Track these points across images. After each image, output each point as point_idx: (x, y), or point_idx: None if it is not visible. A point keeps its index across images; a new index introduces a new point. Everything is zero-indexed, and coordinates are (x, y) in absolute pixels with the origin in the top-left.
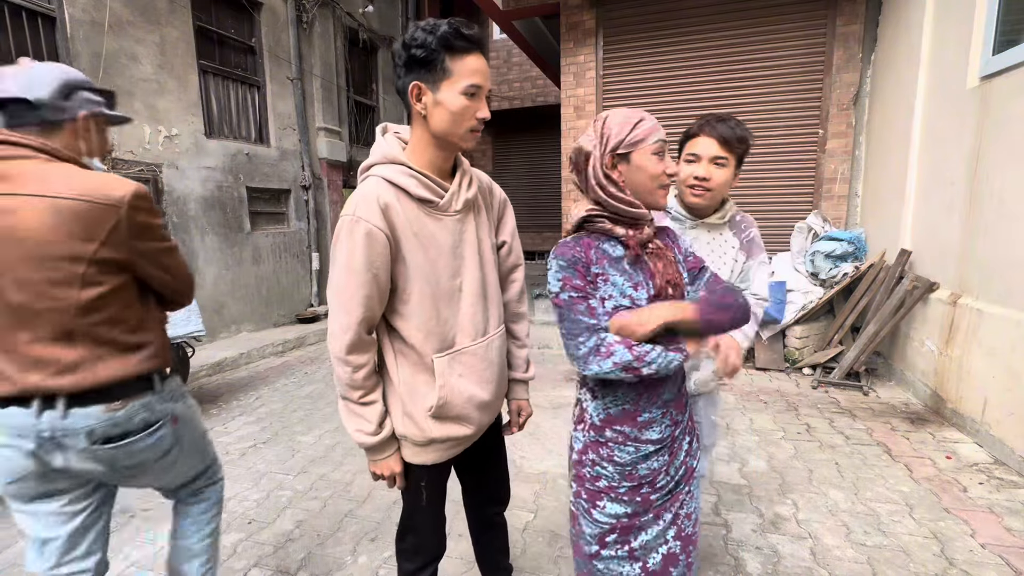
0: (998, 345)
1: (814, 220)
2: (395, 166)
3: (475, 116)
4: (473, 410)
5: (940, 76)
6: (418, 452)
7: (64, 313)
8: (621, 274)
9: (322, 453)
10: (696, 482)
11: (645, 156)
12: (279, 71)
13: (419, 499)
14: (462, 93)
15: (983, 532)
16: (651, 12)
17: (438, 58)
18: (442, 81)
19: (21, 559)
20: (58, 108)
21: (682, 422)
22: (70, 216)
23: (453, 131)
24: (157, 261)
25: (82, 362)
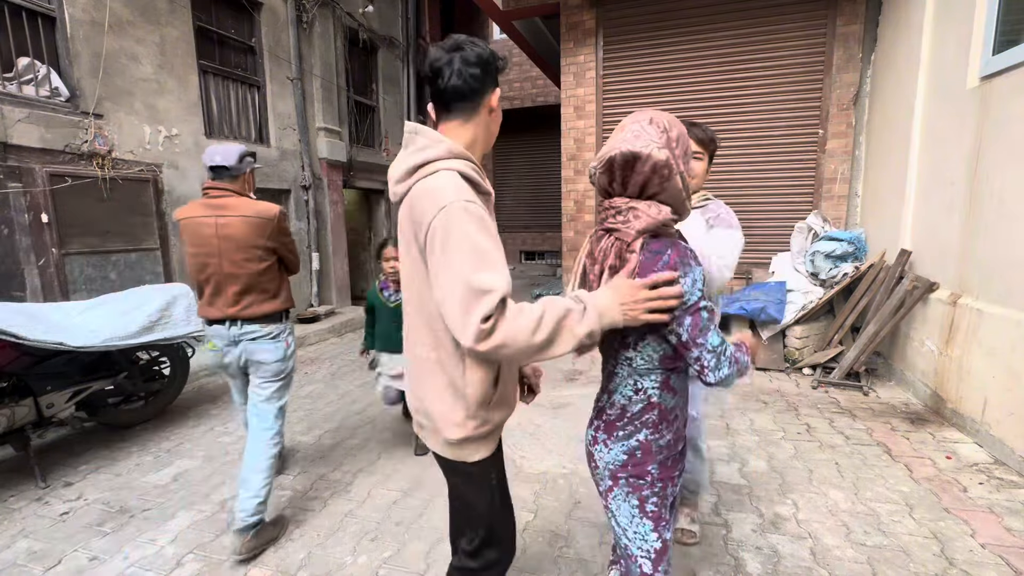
0: (998, 345)
1: (814, 220)
2: (465, 161)
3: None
4: (512, 386)
5: (940, 76)
6: (482, 445)
7: (249, 276)
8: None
9: (322, 453)
10: None
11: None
12: (279, 71)
13: (494, 498)
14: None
15: (983, 532)
16: (651, 12)
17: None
18: (495, 91)
19: (21, 559)
20: (238, 169)
21: None
22: (252, 225)
23: (487, 140)
24: (288, 248)
25: (253, 302)
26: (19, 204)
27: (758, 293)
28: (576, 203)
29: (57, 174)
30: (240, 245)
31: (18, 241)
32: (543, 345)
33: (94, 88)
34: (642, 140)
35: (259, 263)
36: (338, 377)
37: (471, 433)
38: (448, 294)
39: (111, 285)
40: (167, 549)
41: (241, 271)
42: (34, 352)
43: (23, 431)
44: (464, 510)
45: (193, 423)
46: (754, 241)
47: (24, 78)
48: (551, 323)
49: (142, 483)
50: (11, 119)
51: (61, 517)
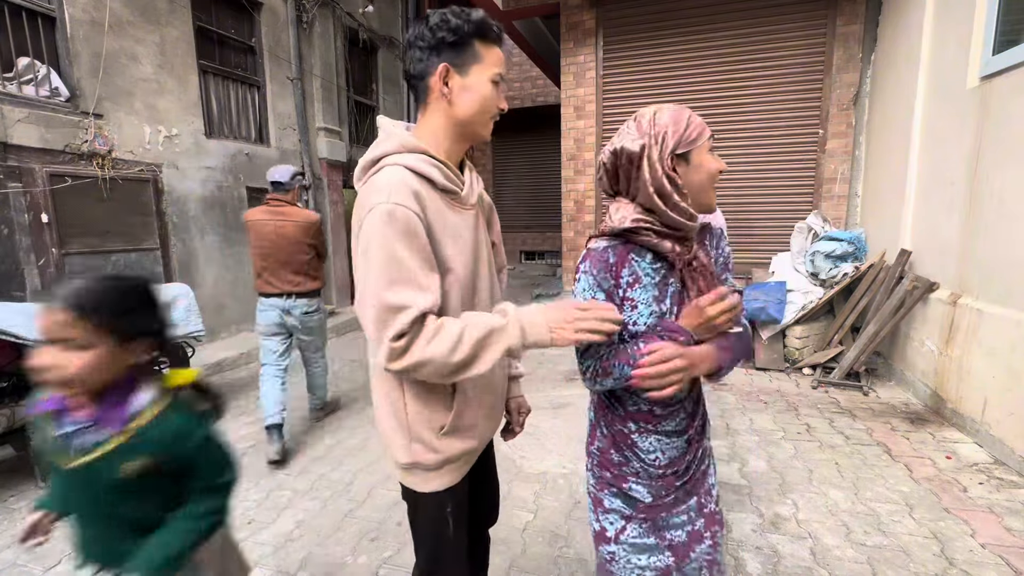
0: (998, 345)
1: (814, 220)
2: (417, 155)
3: (497, 105)
4: (482, 419)
5: (940, 76)
6: (433, 477)
7: (299, 264)
8: (651, 292)
9: (322, 453)
10: (710, 459)
11: (703, 153)
12: (279, 71)
13: (445, 530)
14: (491, 80)
15: (983, 532)
16: (651, 12)
17: (470, 43)
18: (472, 65)
19: (21, 559)
20: (290, 184)
21: (694, 412)
22: (301, 228)
23: (478, 117)
24: (322, 244)
25: (302, 281)
26: (19, 204)
27: (758, 293)
28: (576, 203)
29: (57, 174)
30: (292, 241)
31: (18, 241)
32: (462, 365)
33: (94, 88)
34: (624, 136)
35: (304, 255)
36: (338, 377)
37: (418, 459)
38: (366, 308)
39: None
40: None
41: (292, 260)
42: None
43: (23, 431)
44: (413, 537)
45: None
46: (754, 241)
47: (24, 78)
48: (470, 342)
49: None
50: (11, 119)
51: None
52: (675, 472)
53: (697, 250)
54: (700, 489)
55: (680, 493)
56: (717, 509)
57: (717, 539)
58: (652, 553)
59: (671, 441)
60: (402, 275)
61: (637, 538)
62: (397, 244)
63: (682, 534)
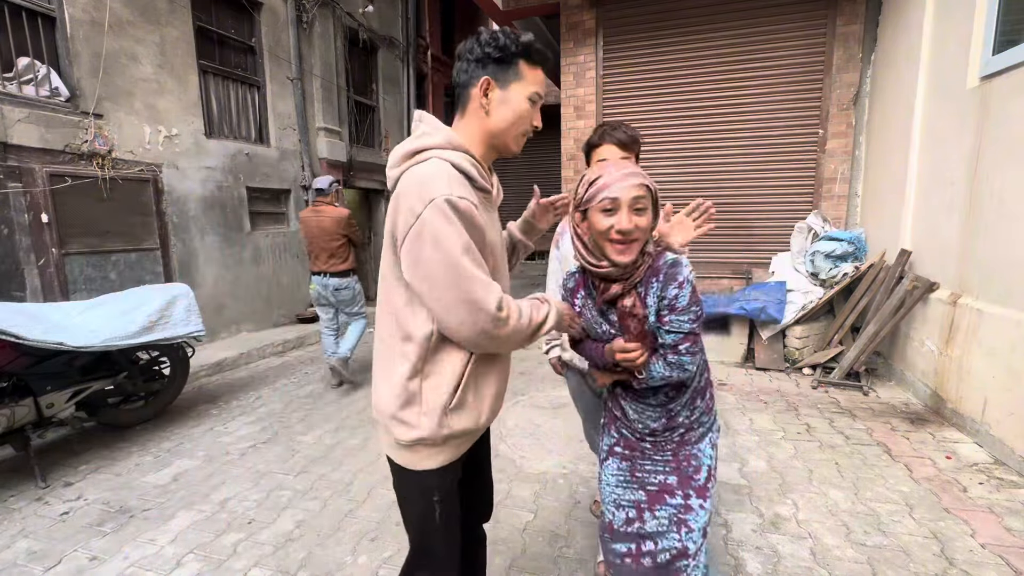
0: (998, 345)
1: (814, 220)
2: (462, 153)
3: (531, 122)
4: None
5: (940, 76)
6: (433, 454)
7: (332, 249)
8: (595, 321)
9: (322, 453)
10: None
11: (595, 213)
12: (279, 71)
13: (432, 517)
14: (528, 98)
15: (983, 532)
16: (651, 12)
17: (514, 62)
18: (513, 82)
19: (21, 559)
20: (328, 190)
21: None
22: (335, 220)
23: (510, 131)
24: (355, 233)
25: (336, 263)
26: (19, 204)
27: (758, 293)
28: None
29: (57, 174)
30: (328, 233)
31: (18, 241)
32: (529, 336)
33: (94, 88)
34: None
35: (336, 242)
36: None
37: (424, 435)
38: (451, 292)
39: (111, 285)
40: (167, 549)
41: (328, 247)
42: (34, 352)
43: (23, 431)
44: (405, 522)
45: (193, 423)
46: (754, 241)
47: (24, 78)
48: (535, 320)
49: (142, 483)
50: (11, 119)
51: (61, 517)
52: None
53: (620, 294)
54: (679, 449)
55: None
56: (699, 479)
57: (691, 503)
58: (624, 487)
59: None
60: (478, 261)
61: (616, 471)
62: (467, 234)
63: (655, 481)
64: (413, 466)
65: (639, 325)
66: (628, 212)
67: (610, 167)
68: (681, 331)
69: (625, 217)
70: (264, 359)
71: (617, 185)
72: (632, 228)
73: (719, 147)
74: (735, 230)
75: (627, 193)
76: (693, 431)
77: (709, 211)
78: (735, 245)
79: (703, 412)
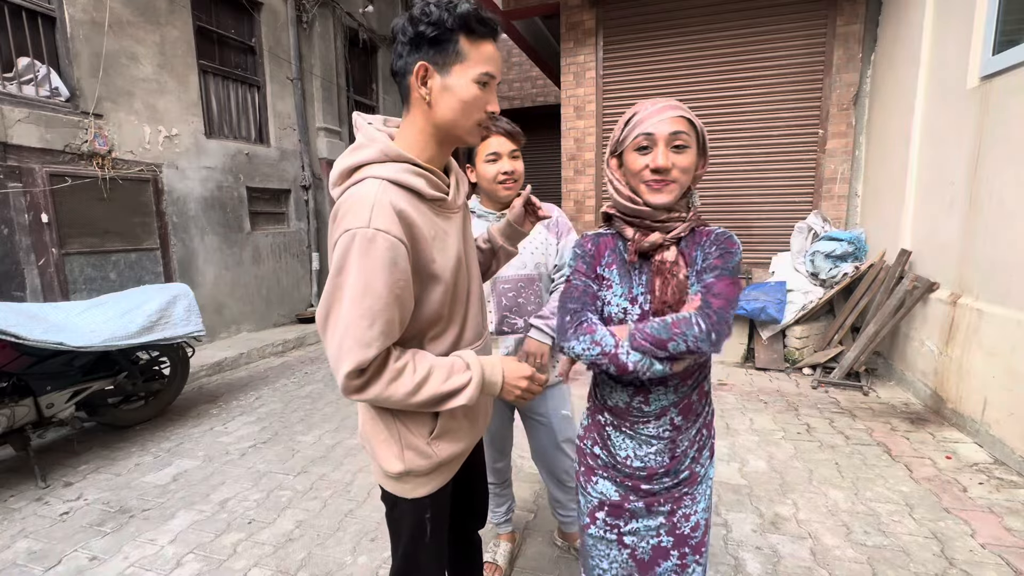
0: (998, 345)
1: (814, 220)
2: (400, 164)
3: (485, 108)
4: (470, 421)
5: (940, 76)
6: (423, 483)
7: None
8: (623, 282)
9: (322, 453)
10: (702, 488)
11: (629, 153)
12: (279, 71)
13: (423, 535)
14: (475, 81)
15: (983, 532)
16: (651, 12)
17: (452, 39)
18: (454, 64)
19: (21, 559)
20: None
21: (685, 427)
22: None
23: (460, 122)
24: None
25: None
26: (19, 204)
27: (758, 293)
28: (576, 203)
29: (57, 174)
30: None
31: (18, 241)
32: (420, 406)
33: (94, 88)
34: None
35: None
36: None
37: (411, 467)
38: (331, 332)
39: (111, 285)
40: (167, 549)
41: None
42: (34, 352)
43: (23, 431)
44: (391, 535)
45: (193, 423)
46: (754, 241)
47: (24, 78)
48: (429, 392)
49: (142, 483)
50: (11, 119)
51: (61, 517)
52: (645, 477)
53: (658, 244)
54: (676, 508)
55: (647, 500)
56: (695, 536)
57: (687, 562)
58: (613, 550)
59: (649, 447)
60: (375, 308)
61: (600, 533)
62: (375, 275)
63: (646, 546)
64: (405, 495)
65: (676, 290)
66: (665, 149)
67: (646, 102)
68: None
69: (661, 154)
70: (264, 359)
71: (652, 120)
72: (669, 166)
73: (719, 147)
74: (735, 230)
75: (664, 128)
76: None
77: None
78: None
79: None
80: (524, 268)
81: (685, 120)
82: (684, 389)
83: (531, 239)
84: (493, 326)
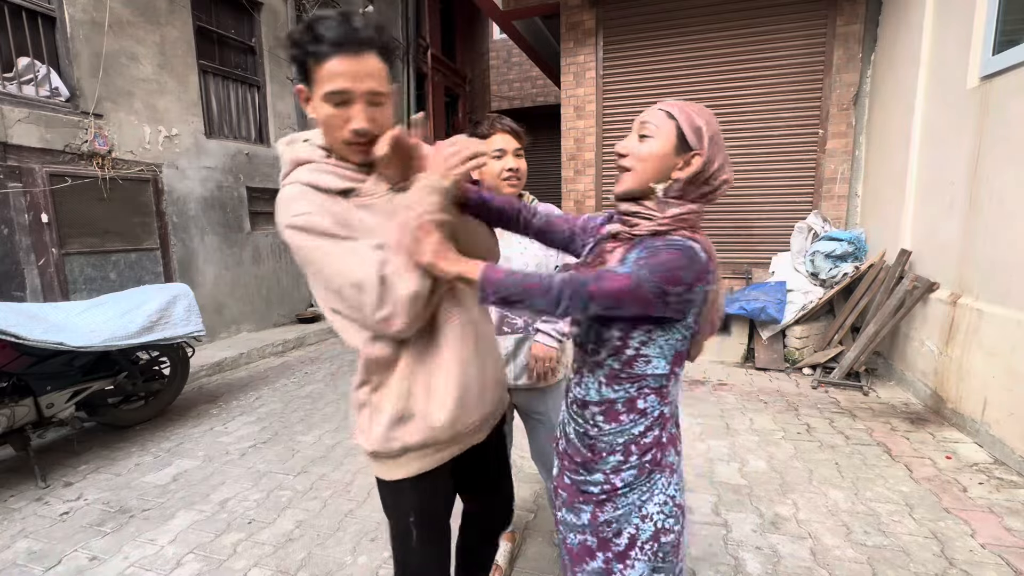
0: (998, 345)
1: (814, 220)
2: (306, 166)
3: (344, 126)
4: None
5: (940, 76)
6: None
7: None
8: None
9: (322, 453)
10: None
11: None
12: (279, 71)
13: (408, 531)
14: (324, 100)
15: (983, 532)
16: (651, 12)
17: (306, 61)
18: (314, 86)
19: (21, 559)
20: None
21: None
22: None
23: (331, 142)
24: None
25: None
26: (19, 204)
27: (758, 293)
28: (576, 203)
29: (57, 174)
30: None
31: (18, 241)
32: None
33: (94, 88)
34: None
35: None
36: (338, 377)
37: (378, 448)
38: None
39: (111, 285)
40: (167, 549)
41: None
42: (34, 352)
43: (23, 431)
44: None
45: (193, 423)
46: (754, 241)
47: (24, 78)
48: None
49: (142, 483)
50: (11, 119)
51: (61, 517)
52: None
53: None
54: (598, 512)
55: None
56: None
57: (613, 568)
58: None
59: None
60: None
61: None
62: (322, 243)
63: (573, 538)
64: (384, 476)
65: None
66: (635, 135)
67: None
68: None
69: (630, 139)
70: (264, 359)
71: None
72: (624, 152)
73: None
74: (735, 230)
75: (643, 116)
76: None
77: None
78: (735, 245)
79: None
80: (525, 268)
81: (663, 113)
82: (608, 392)
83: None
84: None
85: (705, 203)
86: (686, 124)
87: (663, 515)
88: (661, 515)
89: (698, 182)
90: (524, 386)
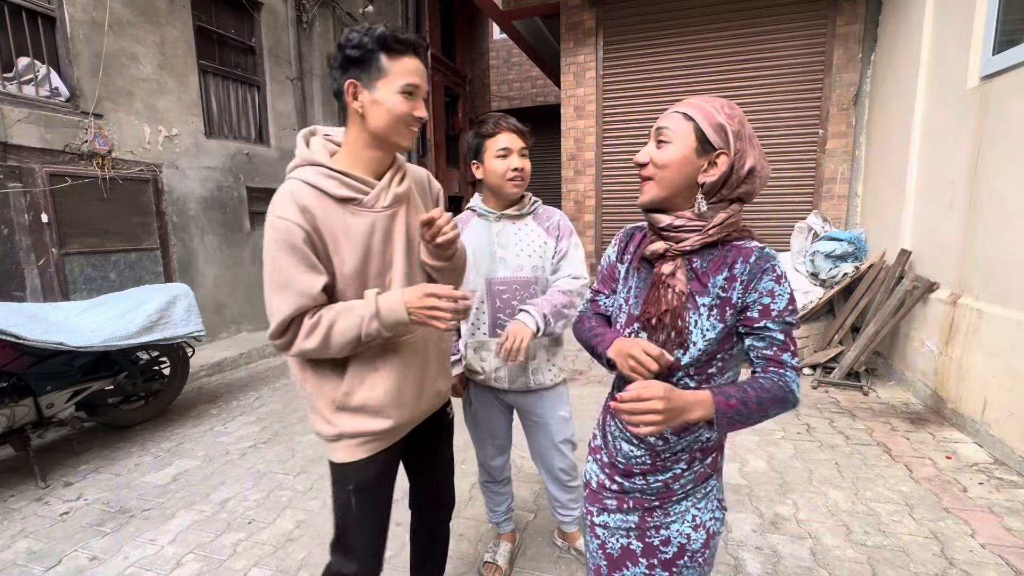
0: (998, 345)
1: (814, 220)
2: (314, 168)
3: (412, 113)
4: (391, 403)
5: (940, 76)
6: (333, 449)
7: None
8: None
9: (322, 453)
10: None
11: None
12: (279, 71)
13: (349, 502)
14: (399, 92)
15: (983, 532)
16: (651, 12)
17: (374, 58)
18: (378, 80)
19: (21, 559)
20: None
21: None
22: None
23: (391, 129)
24: None
25: None
26: (19, 204)
27: None
28: (576, 203)
29: (57, 174)
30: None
31: (18, 241)
32: (344, 349)
33: (94, 88)
34: None
35: None
36: None
37: (321, 430)
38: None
39: (111, 285)
40: (167, 549)
41: None
42: (34, 352)
43: (23, 431)
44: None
45: (193, 423)
46: None
47: (24, 78)
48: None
49: (142, 483)
50: (11, 119)
51: (61, 517)
52: (623, 471)
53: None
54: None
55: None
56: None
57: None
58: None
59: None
60: (283, 279)
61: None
62: (279, 253)
63: (615, 542)
64: (327, 455)
65: (669, 303)
66: (653, 142)
67: None
68: (777, 339)
69: (648, 147)
70: (264, 359)
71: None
72: (644, 160)
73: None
74: None
75: (660, 121)
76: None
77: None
78: None
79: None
80: (520, 271)
81: (679, 115)
82: None
83: (529, 242)
84: (487, 327)
85: (746, 202)
86: (705, 123)
87: (714, 519)
88: (712, 520)
89: (733, 182)
90: (520, 388)
